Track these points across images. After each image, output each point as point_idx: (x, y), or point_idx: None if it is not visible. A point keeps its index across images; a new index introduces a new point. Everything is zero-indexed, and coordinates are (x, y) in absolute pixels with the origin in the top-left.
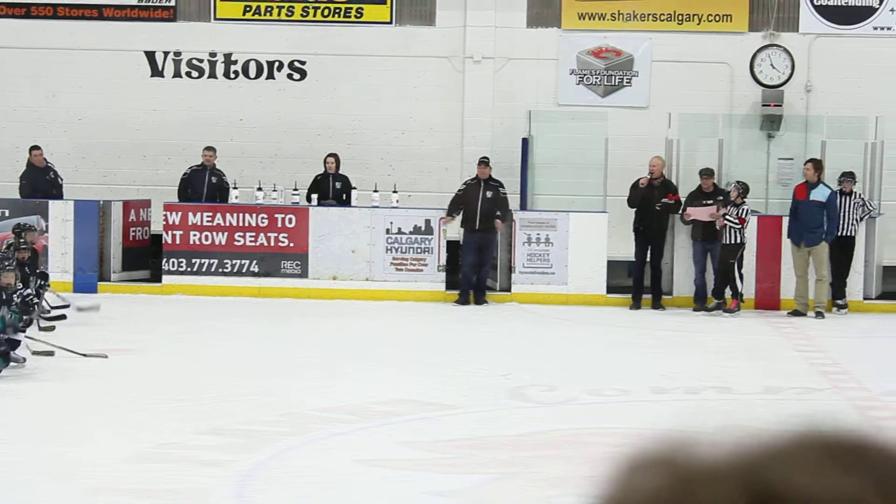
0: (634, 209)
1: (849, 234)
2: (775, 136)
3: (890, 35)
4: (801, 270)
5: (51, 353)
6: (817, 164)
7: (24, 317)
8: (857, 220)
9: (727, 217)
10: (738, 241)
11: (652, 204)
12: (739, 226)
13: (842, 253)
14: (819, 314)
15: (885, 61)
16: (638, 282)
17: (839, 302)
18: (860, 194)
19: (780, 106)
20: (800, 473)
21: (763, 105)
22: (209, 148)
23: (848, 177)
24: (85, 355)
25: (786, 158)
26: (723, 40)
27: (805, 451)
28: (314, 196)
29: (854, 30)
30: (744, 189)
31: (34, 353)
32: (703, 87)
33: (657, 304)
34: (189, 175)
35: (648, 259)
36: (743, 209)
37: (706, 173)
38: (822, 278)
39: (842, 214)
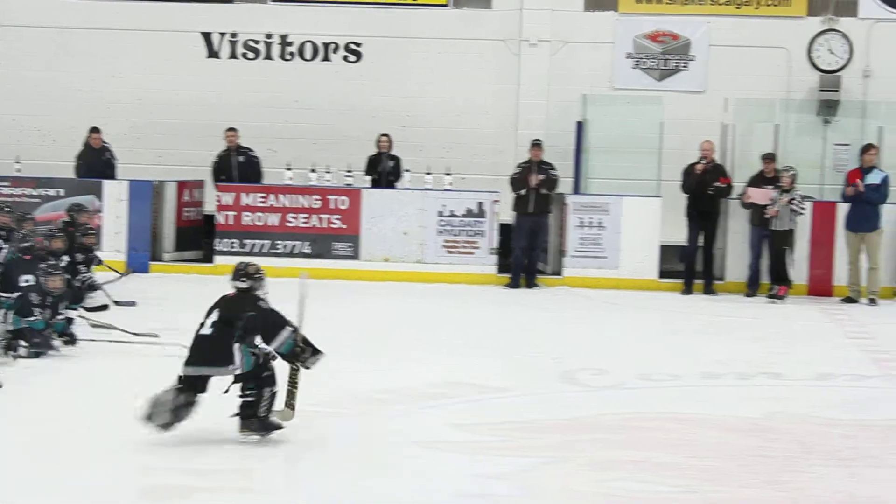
0: (687, 194)
1: None
2: (832, 122)
3: None
4: (853, 257)
5: (110, 327)
6: (875, 148)
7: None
8: None
9: (793, 204)
10: (791, 226)
11: (705, 188)
12: (804, 211)
13: None
14: (872, 301)
15: None
16: (690, 267)
17: None
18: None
19: (838, 91)
20: None
21: (820, 90)
22: (231, 129)
23: None
24: (136, 334)
25: (842, 144)
26: (781, 25)
27: None
28: (368, 177)
29: None
30: (795, 174)
31: (92, 325)
32: (759, 72)
33: (709, 290)
34: (218, 161)
35: (701, 244)
36: (797, 194)
37: (768, 158)
38: (874, 266)
39: None
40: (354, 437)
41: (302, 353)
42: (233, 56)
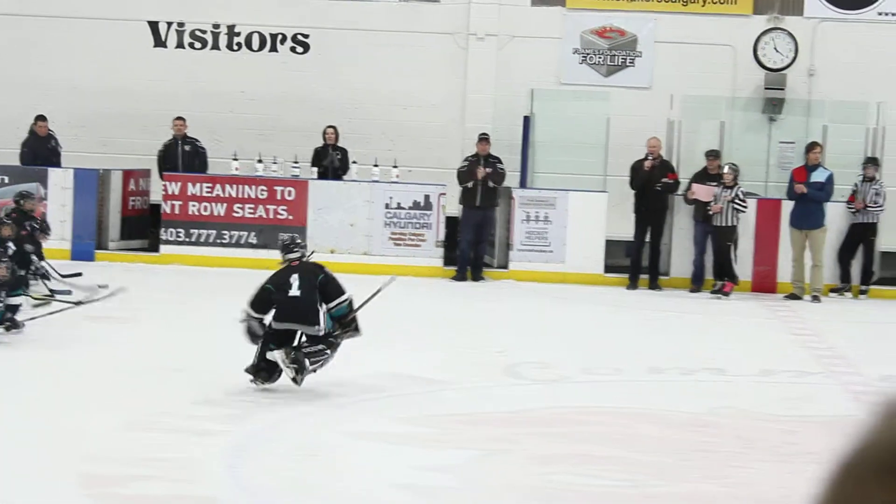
0: (635, 190)
1: (868, 220)
2: (777, 120)
3: (894, 21)
4: (797, 254)
5: (49, 299)
6: (819, 147)
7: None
8: (877, 206)
9: (735, 202)
10: (734, 223)
11: (652, 184)
12: (746, 209)
13: (864, 238)
14: (815, 298)
15: (888, 47)
16: (635, 262)
17: (862, 287)
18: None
19: (783, 89)
20: None
21: (766, 88)
22: (178, 118)
23: (871, 162)
24: (80, 303)
25: (787, 142)
26: (727, 23)
27: None
28: (314, 169)
29: (858, 15)
30: (737, 171)
31: (34, 305)
32: (706, 70)
33: (654, 285)
34: (164, 151)
35: (647, 239)
36: (739, 191)
37: (712, 155)
38: (818, 263)
39: (863, 200)
40: (296, 430)
41: (350, 321)
42: (180, 45)
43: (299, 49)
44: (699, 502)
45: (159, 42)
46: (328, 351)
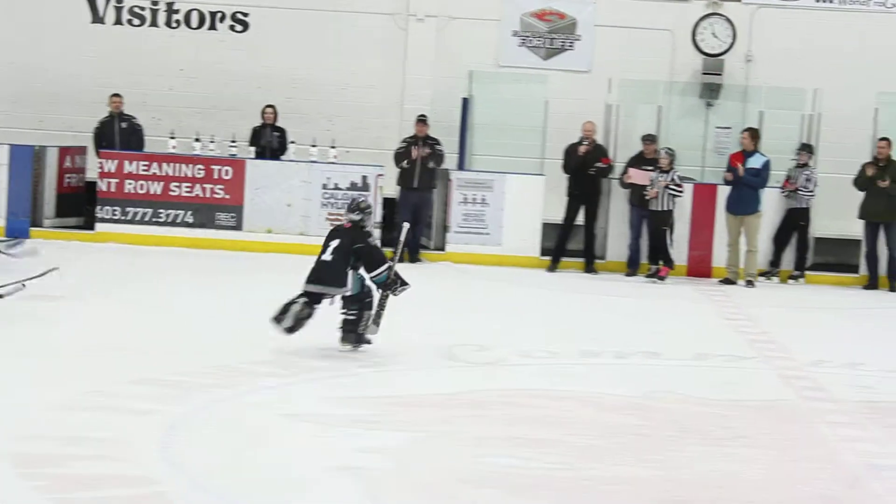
0: (568, 174)
1: (801, 206)
2: (714, 105)
3: (831, 8)
4: (732, 239)
5: None
6: (754, 133)
7: None
8: (809, 192)
9: (670, 187)
10: (670, 207)
11: (586, 168)
12: (681, 193)
13: (797, 224)
14: (749, 283)
15: (825, 34)
16: (560, 245)
17: (794, 273)
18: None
19: (721, 75)
20: None
21: (703, 73)
22: (115, 95)
23: (805, 149)
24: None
25: (724, 127)
26: (666, 7)
27: None
28: (252, 148)
29: (797, 1)
30: (673, 155)
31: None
32: (644, 54)
33: (590, 269)
34: (100, 127)
35: (582, 223)
36: (675, 175)
37: (648, 139)
38: (752, 249)
39: (795, 185)
40: (231, 410)
41: (393, 283)
42: (118, 22)
43: (238, 27)
44: (634, 485)
45: (97, 18)
46: (364, 313)
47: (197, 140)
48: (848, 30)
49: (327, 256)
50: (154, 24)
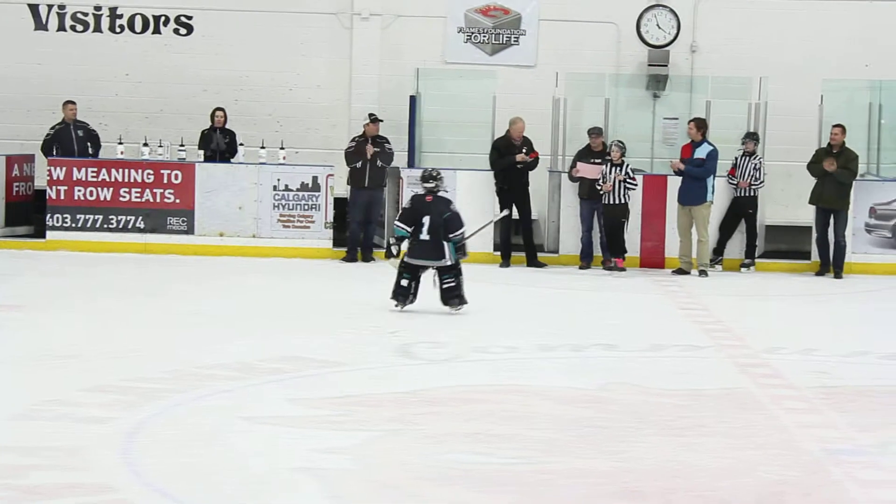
0: (494, 169)
1: (748, 194)
2: (661, 96)
3: None
4: (683, 230)
5: None
6: (700, 123)
7: None
8: (757, 180)
9: (627, 181)
10: (625, 200)
11: (514, 163)
12: (635, 186)
13: (743, 212)
14: (703, 272)
15: (769, 22)
16: (505, 241)
17: (745, 261)
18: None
19: (666, 66)
20: None
21: (649, 65)
22: (70, 102)
23: (750, 137)
24: None
25: (671, 118)
26: (610, 0)
27: None
28: (201, 152)
29: None
30: (624, 148)
31: None
32: (589, 47)
33: (533, 262)
34: (53, 134)
35: (517, 217)
36: (627, 168)
37: (595, 132)
38: (702, 238)
39: (742, 175)
40: (189, 414)
41: (463, 246)
42: (61, 28)
43: (183, 31)
44: (593, 478)
45: (40, 25)
46: (459, 278)
47: (145, 145)
48: (791, 18)
49: (425, 236)
50: (98, 29)
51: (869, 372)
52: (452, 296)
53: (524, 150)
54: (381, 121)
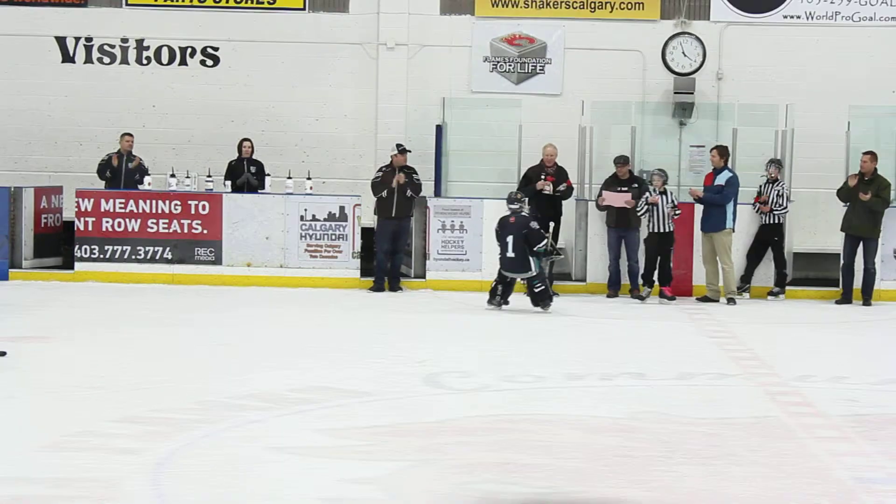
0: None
1: (773, 222)
2: (687, 124)
3: (799, 23)
4: (708, 257)
5: None
6: (722, 151)
7: None
8: (781, 207)
9: (673, 210)
10: (671, 228)
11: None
12: (679, 212)
13: (769, 240)
14: (731, 300)
15: (794, 49)
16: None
17: (774, 289)
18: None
19: (692, 94)
20: None
21: (675, 93)
22: (127, 134)
23: (774, 164)
24: None
25: (697, 146)
26: (635, 28)
27: None
28: (228, 182)
29: (764, 18)
30: (665, 176)
31: None
32: (615, 75)
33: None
34: (106, 161)
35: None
36: (671, 196)
37: (621, 161)
38: (725, 266)
39: (768, 202)
40: (218, 445)
41: (549, 254)
42: (88, 61)
43: (209, 62)
44: None
45: (67, 58)
46: (543, 284)
47: (172, 176)
48: (816, 45)
49: (511, 254)
50: (125, 61)
51: None
52: (542, 298)
53: (543, 177)
54: (410, 151)
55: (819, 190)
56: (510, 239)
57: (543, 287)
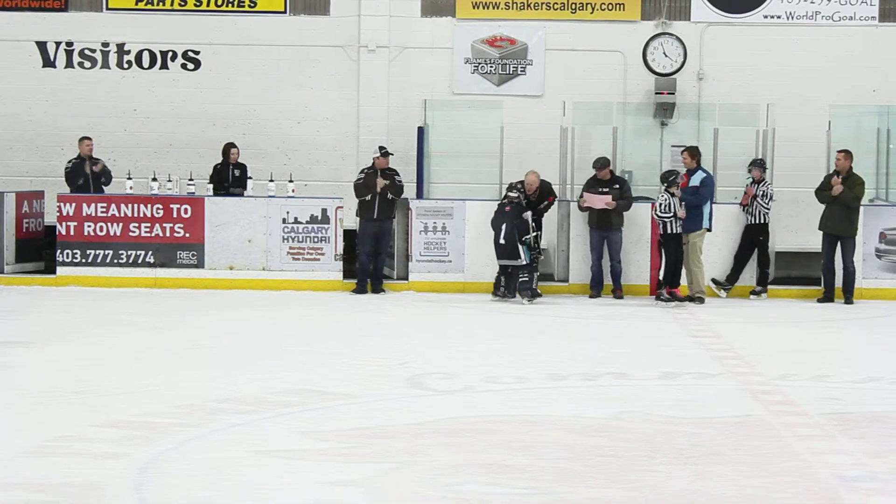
0: None
1: (758, 221)
2: (668, 124)
3: (780, 24)
4: (684, 257)
5: None
6: (693, 151)
7: None
8: (766, 207)
9: (759, 199)
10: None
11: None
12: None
13: (755, 240)
14: (699, 299)
15: (775, 49)
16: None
17: (757, 288)
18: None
19: (673, 94)
20: None
21: (656, 93)
22: (86, 137)
23: (756, 165)
24: None
25: (679, 146)
26: (616, 29)
27: None
28: (210, 186)
29: (744, 18)
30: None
31: None
32: (596, 76)
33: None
34: (72, 168)
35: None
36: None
37: (599, 165)
38: (693, 265)
39: (751, 202)
40: (201, 449)
41: (532, 248)
42: (69, 65)
43: (190, 66)
44: None
45: (48, 62)
46: (533, 275)
47: (154, 180)
48: (798, 44)
49: (501, 241)
50: (105, 65)
51: (881, 398)
52: (524, 288)
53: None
54: (392, 154)
55: (800, 189)
56: (504, 227)
57: (527, 279)
